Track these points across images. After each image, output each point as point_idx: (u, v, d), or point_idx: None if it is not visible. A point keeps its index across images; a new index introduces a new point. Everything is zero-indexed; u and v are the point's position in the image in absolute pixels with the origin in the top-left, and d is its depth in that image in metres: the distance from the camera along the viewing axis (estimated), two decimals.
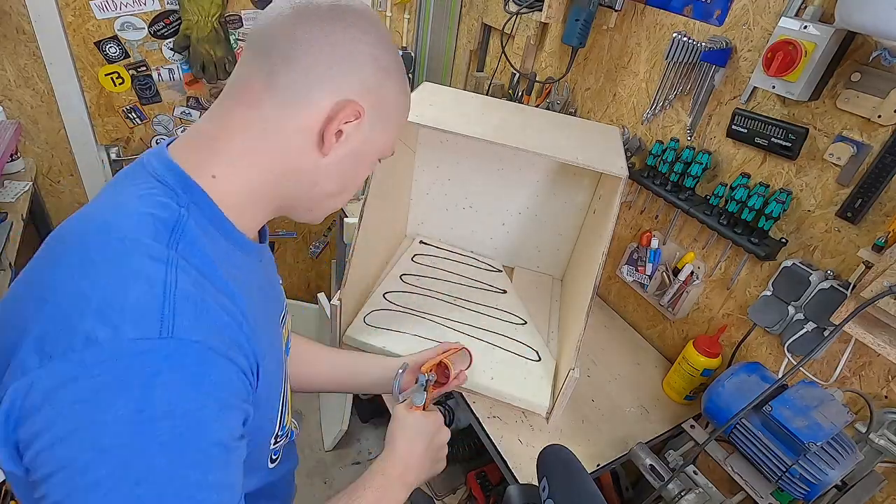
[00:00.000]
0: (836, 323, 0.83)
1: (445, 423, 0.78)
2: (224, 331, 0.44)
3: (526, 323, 1.27)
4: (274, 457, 0.64)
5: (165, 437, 0.38)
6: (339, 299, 1.12)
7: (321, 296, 1.97)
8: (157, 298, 0.40)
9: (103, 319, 0.38)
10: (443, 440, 0.75)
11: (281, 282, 0.69)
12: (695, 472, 0.98)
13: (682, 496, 0.94)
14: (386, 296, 1.27)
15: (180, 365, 0.39)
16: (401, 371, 0.83)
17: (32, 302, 0.41)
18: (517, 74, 1.66)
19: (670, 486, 0.95)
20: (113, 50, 1.57)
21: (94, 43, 1.54)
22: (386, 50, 0.52)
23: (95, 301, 0.39)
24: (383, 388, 0.86)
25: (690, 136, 1.21)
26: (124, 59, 1.59)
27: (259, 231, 0.58)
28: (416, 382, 0.81)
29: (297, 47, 0.48)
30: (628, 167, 1.03)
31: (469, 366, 0.97)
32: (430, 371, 0.82)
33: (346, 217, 1.69)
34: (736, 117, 1.07)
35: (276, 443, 0.61)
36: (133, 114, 1.70)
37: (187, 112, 1.77)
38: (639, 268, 1.34)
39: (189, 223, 0.46)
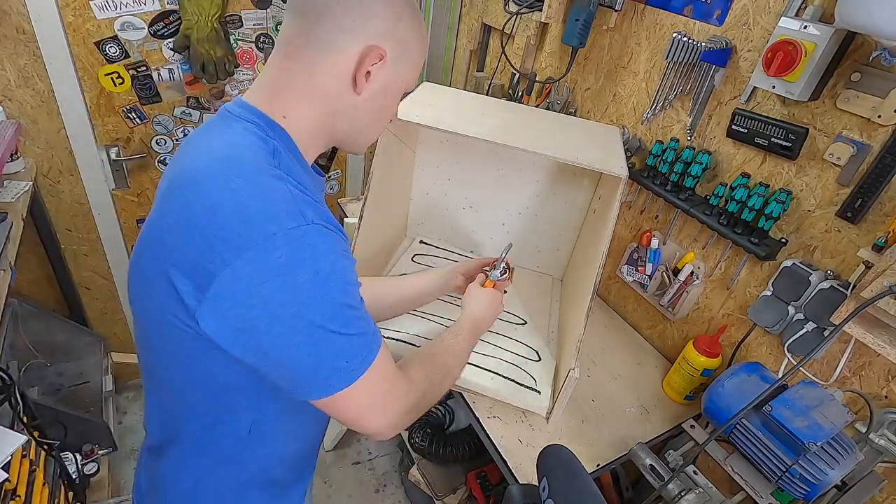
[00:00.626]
0: (836, 323, 0.83)
1: (445, 423, 0.89)
2: (330, 218, 0.59)
3: (526, 323, 1.27)
4: None
5: (336, 284, 0.56)
6: None
7: None
8: (292, 201, 0.55)
9: (268, 219, 0.52)
10: (499, 307, 1.03)
11: None
12: (695, 472, 0.98)
13: (682, 496, 0.94)
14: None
15: (323, 239, 0.55)
16: (508, 247, 1.09)
17: (198, 216, 0.54)
18: (517, 74, 1.66)
19: (670, 486, 0.95)
20: (113, 50, 1.57)
21: (94, 43, 1.54)
22: (406, 2, 0.63)
23: (255, 208, 0.53)
24: (445, 290, 1.12)
25: (690, 136, 1.21)
26: (124, 59, 1.59)
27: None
28: (494, 268, 1.07)
29: (325, 8, 0.59)
30: (628, 167, 1.03)
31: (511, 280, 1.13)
32: (507, 266, 1.07)
33: (346, 217, 1.69)
34: (736, 117, 1.07)
35: None
36: (133, 114, 1.70)
37: (187, 112, 1.76)
38: (639, 268, 1.34)
39: (280, 152, 0.60)
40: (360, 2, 0.59)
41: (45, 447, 1.25)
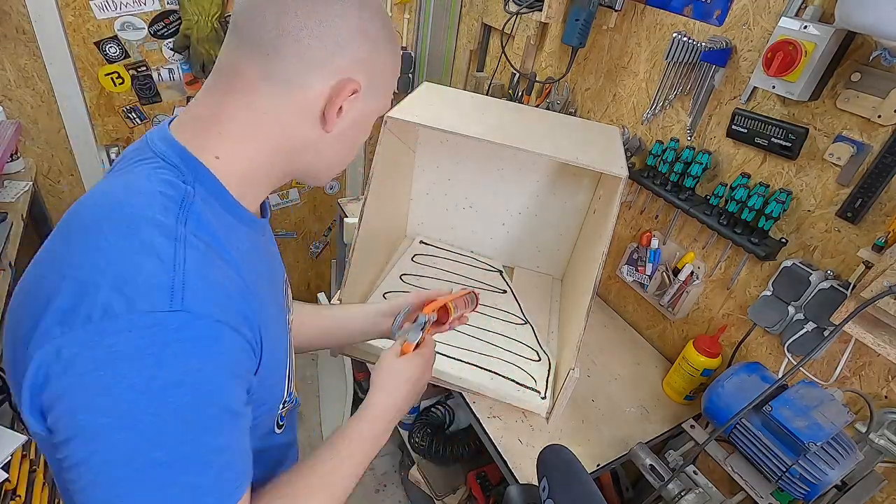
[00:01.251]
0: (836, 323, 0.83)
1: (445, 423, 0.77)
2: (231, 304, 0.46)
3: (526, 323, 1.27)
4: (281, 422, 0.66)
5: (177, 403, 0.41)
6: (339, 299, 1.12)
7: (321, 296, 1.96)
8: (168, 273, 0.42)
9: (118, 292, 0.40)
10: (426, 378, 0.75)
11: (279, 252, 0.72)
12: (695, 472, 0.98)
13: (682, 496, 0.94)
14: (386, 296, 1.27)
15: (190, 336, 0.42)
16: (401, 316, 0.82)
17: (53, 276, 0.43)
18: (517, 74, 1.66)
19: (670, 486, 0.95)
20: (113, 50, 1.57)
21: (94, 43, 1.54)
22: (372, 18, 0.52)
23: (111, 275, 0.41)
24: (371, 333, 0.88)
25: (690, 136, 1.21)
26: (124, 58, 1.59)
27: (261, 205, 0.61)
28: (413, 321, 0.78)
29: (286, 34, 0.48)
30: (628, 167, 1.03)
31: (475, 307, 0.90)
32: (433, 312, 0.79)
33: (346, 217, 1.69)
34: (736, 117, 1.07)
35: (283, 408, 0.63)
36: (133, 114, 1.70)
37: None
38: (639, 268, 1.34)
39: (196, 200, 0.48)
40: (330, 32, 0.49)
41: None
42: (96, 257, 0.42)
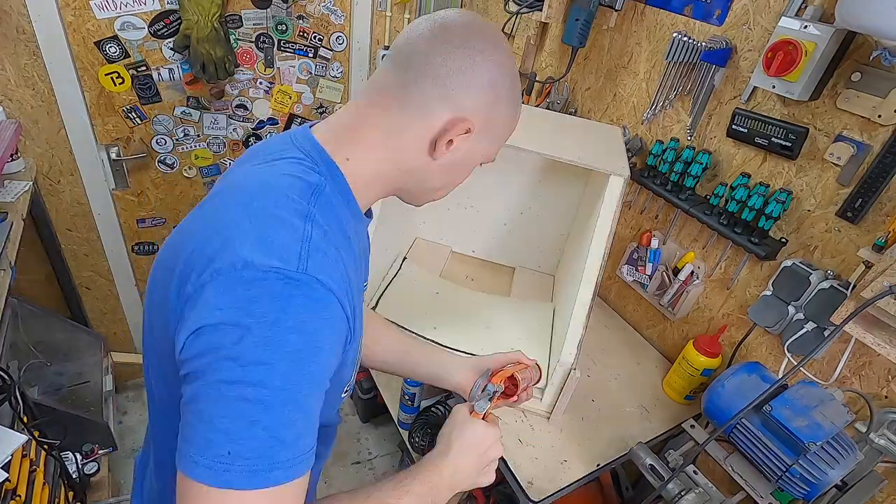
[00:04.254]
0: (836, 323, 0.83)
1: (444, 422, 0.76)
2: (342, 281, 0.52)
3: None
4: (338, 406, 0.73)
5: (291, 347, 0.47)
6: None
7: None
8: (298, 242, 0.50)
9: (258, 249, 0.48)
10: (495, 454, 0.72)
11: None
12: (695, 471, 0.98)
13: (682, 496, 0.94)
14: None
15: (311, 295, 0.48)
16: (481, 380, 0.79)
17: (207, 231, 0.52)
18: None
19: (670, 485, 0.95)
20: (113, 50, 1.57)
21: (94, 43, 1.54)
22: (504, 74, 0.60)
23: (253, 236, 0.49)
24: (432, 381, 0.88)
25: (690, 136, 1.21)
26: (124, 58, 1.59)
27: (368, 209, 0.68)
28: (482, 389, 0.77)
29: (429, 68, 0.57)
30: (629, 167, 1.03)
31: (538, 381, 0.87)
32: (501, 382, 0.77)
33: None
34: (736, 117, 1.07)
35: (344, 393, 0.69)
36: (133, 113, 1.69)
37: (187, 112, 1.76)
38: (639, 268, 1.34)
39: (326, 189, 0.56)
40: (465, 73, 0.57)
41: (45, 447, 1.25)
42: (243, 222, 0.51)
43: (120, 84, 1.63)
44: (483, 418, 0.71)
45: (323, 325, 0.49)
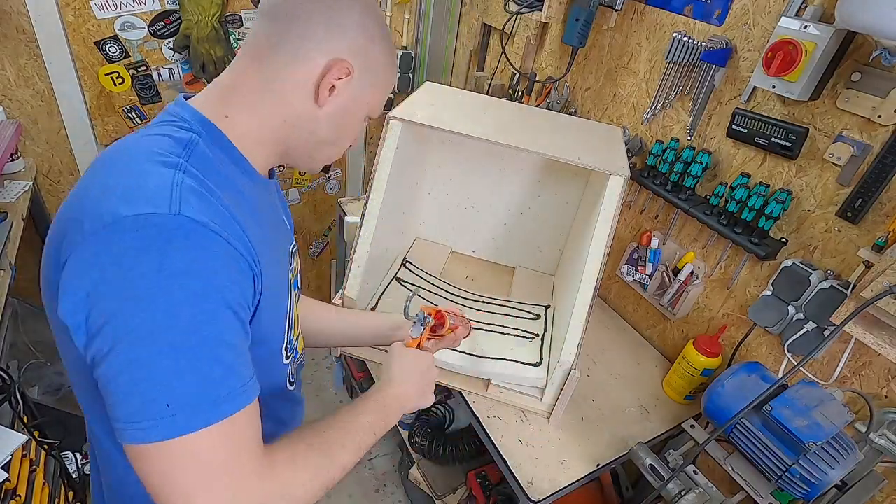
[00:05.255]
0: (836, 323, 0.83)
1: (445, 423, 0.81)
2: (225, 223, 0.50)
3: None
4: (291, 380, 0.73)
5: (185, 291, 0.46)
6: (341, 299, 1.12)
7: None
8: (167, 188, 0.48)
9: (125, 201, 0.46)
10: (432, 376, 0.80)
11: (292, 217, 0.77)
12: (695, 471, 0.98)
13: (682, 496, 0.94)
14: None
15: (189, 235, 0.46)
16: (410, 296, 0.86)
17: (75, 202, 0.51)
18: (517, 74, 1.66)
19: (670, 485, 0.95)
20: (113, 50, 1.57)
21: (94, 43, 1.54)
22: (374, 19, 0.61)
23: (119, 190, 0.48)
24: (376, 340, 0.96)
25: (690, 136, 1.21)
26: (124, 58, 1.59)
27: (270, 171, 0.67)
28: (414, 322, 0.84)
29: (298, 15, 0.57)
30: (629, 167, 1.03)
31: (468, 335, 0.97)
32: (429, 314, 0.85)
33: (347, 216, 1.69)
34: (736, 117, 1.07)
35: (287, 357, 0.68)
36: (133, 113, 1.70)
37: None
38: (639, 268, 1.34)
39: (200, 144, 0.55)
40: (334, 14, 0.57)
41: (45, 447, 1.25)
42: (107, 180, 0.50)
43: (120, 84, 1.63)
44: (418, 347, 0.81)
45: (214, 261, 0.48)
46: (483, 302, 1.29)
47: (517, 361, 1.08)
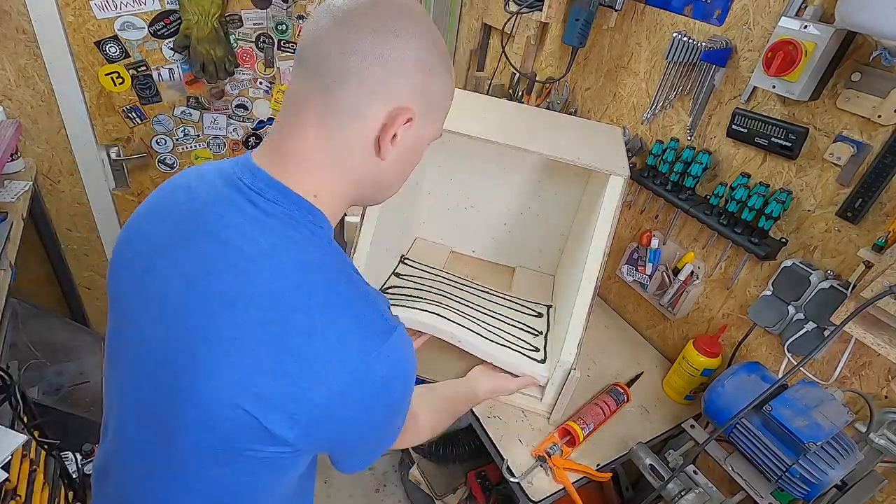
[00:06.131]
0: (836, 323, 0.83)
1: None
2: (368, 287, 0.60)
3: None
4: None
5: (412, 377, 0.60)
6: None
7: None
8: (373, 305, 0.57)
9: (363, 336, 0.53)
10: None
11: None
12: (695, 471, 0.98)
13: (681, 496, 0.94)
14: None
15: (404, 342, 0.57)
16: None
17: (293, 341, 0.50)
18: (517, 74, 1.66)
19: (670, 485, 0.95)
20: (113, 49, 1.57)
21: (94, 43, 1.54)
22: (429, 48, 0.54)
23: (349, 325, 0.54)
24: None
25: (690, 136, 1.21)
26: (124, 58, 1.59)
27: None
28: None
29: (346, 65, 0.51)
30: (629, 167, 1.03)
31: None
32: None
33: (347, 216, 1.69)
34: (736, 117, 1.07)
35: None
36: (133, 113, 1.70)
37: (187, 112, 1.76)
38: (639, 268, 1.34)
39: (328, 237, 0.58)
40: (389, 60, 0.51)
41: (45, 447, 1.25)
42: (327, 314, 0.53)
43: (120, 84, 1.63)
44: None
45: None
46: (488, 293, 1.29)
47: (522, 353, 1.07)
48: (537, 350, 1.11)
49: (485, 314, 1.19)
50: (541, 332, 1.18)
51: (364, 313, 0.53)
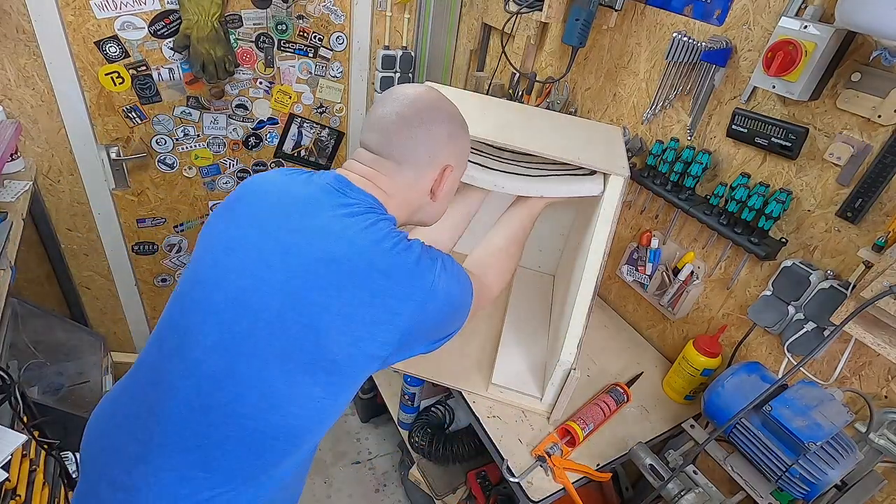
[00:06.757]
0: (836, 323, 0.83)
1: (445, 423, 0.94)
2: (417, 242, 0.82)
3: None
4: None
5: (460, 271, 0.83)
6: None
7: None
8: (422, 253, 0.77)
9: (423, 274, 0.75)
10: None
11: None
12: (695, 471, 0.98)
13: (681, 496, 0.94)
14: None
15: (445, 260, 0.79)
16: None
17: (377, 278, 0.73)
18: (517, 74, 1.65)
19: (670, 485, 0.95)
20: (113, 49, 1.57)
21: (94, 42, 1.54)
22: (452, 121, 0.83)
23: (415, 268, 0.75)
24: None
25: (690, 136, 1.21)
26: (124, 58, 1.59)
27: None
28: None
29: (409, 150, 0.80)
30: (629, 167, 1.03)
31: None
32: None
33: None
34: (736, 117, 1.07)
35: None
36: (133, 113, 1.69)
37: (187, 112, 1.76)
38: (639, 268, 1.35)
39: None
40: (433, 141, 0.80)
41: (45, 447, 1.25)
42: (397, 259, 0.74)
43: (120, 84, 1.63)
44: None
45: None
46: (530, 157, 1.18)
47: (571, 174, 1.03)
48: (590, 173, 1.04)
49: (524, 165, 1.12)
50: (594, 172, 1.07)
51: (420, 260, 0.75)
